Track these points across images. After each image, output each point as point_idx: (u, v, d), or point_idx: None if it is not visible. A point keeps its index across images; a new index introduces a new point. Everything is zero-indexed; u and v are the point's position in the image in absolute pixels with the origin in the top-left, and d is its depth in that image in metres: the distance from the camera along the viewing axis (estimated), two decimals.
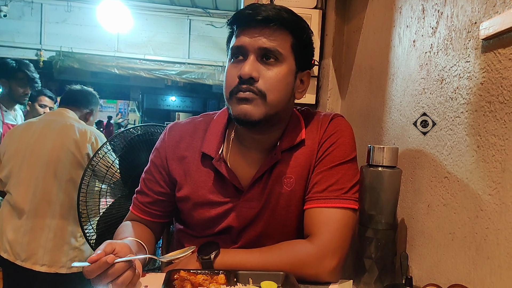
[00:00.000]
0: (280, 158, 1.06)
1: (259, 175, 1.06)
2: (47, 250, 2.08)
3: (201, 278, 0.88)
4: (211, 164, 1.07)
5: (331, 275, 1.00)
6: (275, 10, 0.97)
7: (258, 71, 0.97)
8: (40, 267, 2.06)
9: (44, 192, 2.10)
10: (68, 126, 2.20)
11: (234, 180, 1.06)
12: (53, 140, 2.14)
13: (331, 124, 1.09)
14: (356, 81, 1.51)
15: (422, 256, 0.93)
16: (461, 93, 0.82)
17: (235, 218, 1.07)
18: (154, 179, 1.13)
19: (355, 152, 1.09)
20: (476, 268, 0.73)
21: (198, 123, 1.15)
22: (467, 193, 0.77)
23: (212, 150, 1.08)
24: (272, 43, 0.97)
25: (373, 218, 0.93)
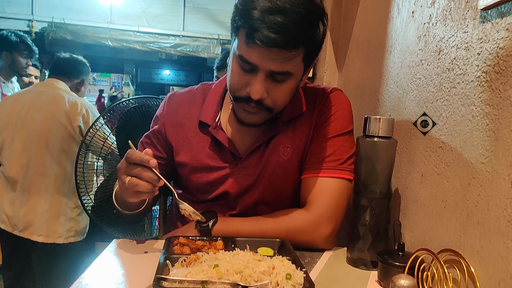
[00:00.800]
0: (279, 130, 1.08)
1: (257, 145, 1.08)
2: (43, 221, 2.11)
3: (200, 244, 0.91)
4: (208, 132, 1.10)
5: (326, 242, 1.04)
6: (295, 32, 0.85)
7: (267, 90, 0.94)
8: (38, 237, 2.10)
9: (37, 165, 2.11)
10: (59, 97, 2.17)
11: (231, 148, 1.09)
12: (43, 112, 2.12)
13: (329, 97, 1.11)
14: (353, 54, 1.51)
15: (414, 224, 0.96)
16: (458, 63, 0.83)
17: (232, 184, 1.10)
18: (152, 143, 1.16)
19: (352, 125, 1.11)
20: (466, 233, 0.75)
21: (196, 92, 1.17)
22: (460, 162, 0.79)
23: (209, 118, 1.10)
24: (285, 67, 0.91)
25: (368, 187, 0.96)
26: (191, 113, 1.13)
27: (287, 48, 0.87)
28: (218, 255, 0.82)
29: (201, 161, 1.10)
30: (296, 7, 0.86)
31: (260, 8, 0.86)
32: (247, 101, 0.96)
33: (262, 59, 0.89)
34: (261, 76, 0.92)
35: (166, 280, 0.73)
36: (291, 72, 0.93)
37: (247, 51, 0.90)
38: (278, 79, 0.94)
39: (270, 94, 0.95)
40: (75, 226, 2.21)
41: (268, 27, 0.84)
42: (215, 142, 1.10)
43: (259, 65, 0.91)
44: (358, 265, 0.97)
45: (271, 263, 0.79)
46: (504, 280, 0.65)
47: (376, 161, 0.95)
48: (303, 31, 0.87)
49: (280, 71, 0.92)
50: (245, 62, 0.92)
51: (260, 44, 0.86)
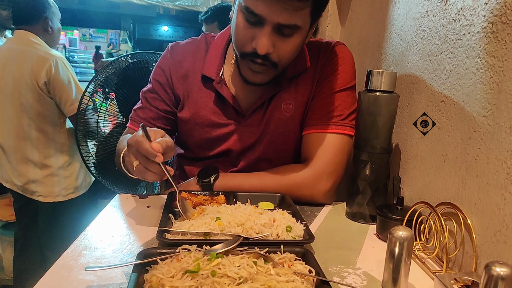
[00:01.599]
0: (283, 87, 1.07)
1: (260, 103, 1.07)
2: (38, 183, 2.12)
3: (202, 198, 0.92)
4: (212, 86, 1.08)
5: (326, 197, 1.05)
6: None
7: (273, 44, 0.91)
8: (37, 197, 2.13)
9: (16, 130, 2.06)
10: (26, 53, 2.03)
11: (235, 104, 1.08)
12: (12, 71, 2.02)
13: (332, 51, 1.09)
14: (356, 7, 1.46)
15: (414, 178, 0.97)
16: (465, 14, 0.80)
17: (235, 141, 1.10)
18: (160, 97, 1.12)
19: (354, 81, 1.10)
20: (465, 186, 0.76)
21: (199, 43, 1.14)
22: (462, 116, 0.79)
23: (213, 73, 1.08)
24: (293, 19, 0.87)
25: (369, 142, 0.96)
26: (194, 66, 1.10)
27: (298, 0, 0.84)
28: (220, 209, 0.84)
29: (204, 117, 1.09)
30: None
31: None
32: (253, 56, 0.93)
33: (270, 10, 0.85)
34: (268, 29, 0.88)
35: (169, 233, 0.75)
36: (298, 25, 0.89)
37: (254, 2, 0.87)
38: (286, 32, 0.90)
39: (276, 49, 0.92)
40: (73, 183, 2.20)
41: None
42: (218, 97, 1.09)
43: (266, 16, 0.87)
44: (357, 219, 0.99)
45: (271, 216, 0.81)
46: (500, 231, 0.66)
47: (378, 116, 0.94)
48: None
49: (288, 24, 0.88)
50: (251, 14, 0.88)
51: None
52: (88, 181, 2.30)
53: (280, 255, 0.66)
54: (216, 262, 0.60)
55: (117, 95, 1.97)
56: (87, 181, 2.29)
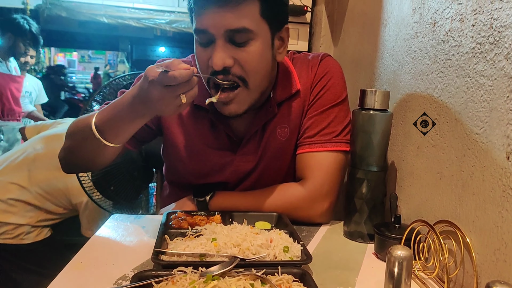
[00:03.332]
0: (276, 112, 1.04)
1: (254, 130, 1.05)
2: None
3: (197, 219, 0.92)
4: (205, 115, 1.05)
5: (323, 217, 1.05)
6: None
7: (230, 56, 0.88)
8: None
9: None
10: None
11: (229, 132, 1.05)
12: None
13: (320, 66, 1.07)
14: (348, 28, 1.49)
15: (410, 196, 0.97)
16: (453, 35, 0.82)
17: (231, 173, 1.07)
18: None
19: (345, 92, 1.08)
20: (462, 204, 0.76)
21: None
22: (455, 133, 0.80)
23: (203, 99, 1.01)
24: (239, 22, 0.85)
25: (364, 160, 0.96)
26: None
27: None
28: (216, 229, 0.83)
29: (197, 145, 1.06)
30: None
31: None
32: (214, 75, 0.89)
33: (213, 20, 0.85)
34: (219, 42, 0.86)
35: (165, 254, 0.75)
36: (249, 28, 0.86)
37: (198, 21, 0.88)
38: (238, 40, 0.87)
39: (236, 62, 0.88)
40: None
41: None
42: (212, 125, 1.06)
43: (212, 27, 0.86)
44: (355, 238, 0.98)
45: (268, 236, 0.80)
46: (499, 249, 0.66)
47: (372, 134, 0.95)
48: None
49: (236, 28, 0.85)
50: (200, 33, 0.89)
51: (202, 3, 0.85)
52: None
53: (277, 277, 0.66)
54: (212, 285, 0.60)
55: None
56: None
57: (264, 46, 0.91)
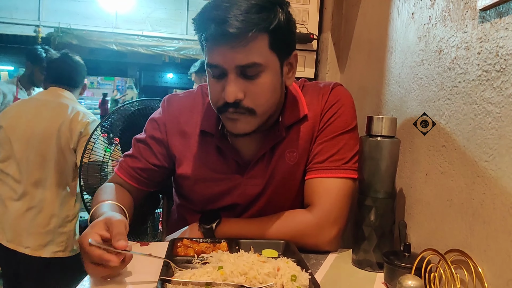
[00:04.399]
0: (283, 136, 1.05)
1: (262, 153, 1.05)
2: (30, 233, 2.06)
3: (203, 246, 0.91)
4: (211, 141, 1.06)
5: (331, 245, 1.03)
6: (244, 17, 0.84)
7: (242, 89, 0.91)
8: (24, 249, 2.05)
9: (33, 174, 2.07)
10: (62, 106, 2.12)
11: (236, 156, 1.06)
12: (47, 121, 2.08)
13: (331, 94, 1.08)
14: (355, 55, 1.51)
15: (420, 224, 0.96)
16: (459, 63, 0.82)
17: (239, 196, 1.07)
18: (151, 151, 1.11)
19: (355, 121, 1.08)
20: (473, 233, 0.75)
21: (195, 96, 1.13)
22: (464, 161, 0.79)
23: (212, 127, 1.06)
24: (250, 57, 0.88)
25: (372, 187, 0.95)
26: (192, 121, 1.09)
27: (242, 32, 0.84)
28: (223, 257, 0.82)
29: (206, 173, 1.07)
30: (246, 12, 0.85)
31: (206, 9, 0.89)
32: (226, 107, 0.93)
33: (224, 56, 0.88)
34: (231, 76, 0.90)
35: (170, 282, 0.73)
36: (259, 63, 0.89)
37: (210, 56, 0.90)
38: (249, 74, 0.90)
39: (248, 94, 0.91)
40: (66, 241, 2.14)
41: (215, 21, 0.85)
42: (219, 151, 1.06)
43: (223, 63, 0.89)
44: (364, 267, 0.96)
45: (276, 265, 0.79)
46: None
47: (380, 161, 0.94)
48: (252, 15, 0.85)
49: (247, 64, 0.88)
50: (213, 68, 0.91)
51: (214, 42, 0.87)
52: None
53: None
54: None
55: (121, 140, 1.99)
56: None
57: (274, 75, 0.94)
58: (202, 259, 0.84)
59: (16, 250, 2.04)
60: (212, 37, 0.87)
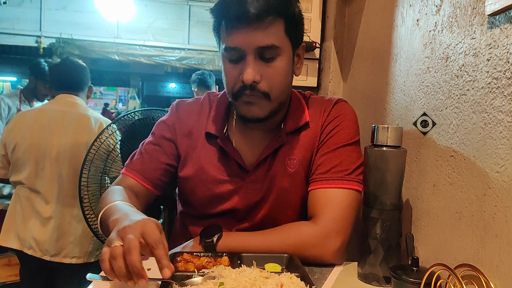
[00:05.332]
0: (284, 141, 1.06)
1: (263, 157, 1.06)
2: (76, 244, 2.09)
3: (204, 261, 0.88)
4: (216, 143, 1.08)
5: (335, 256, 1.00)
6: (264, 0, 0.91)
7: (259, 72, 0.95)
8: (71, 260, 2.08)
9: (69, 188, 2.07)
10: (85, 118, 2.13)
11: (238, 159, 1.07)
12: (71, 134, 2.08)
13: (334, 108, 1.10)
14: (358, 63, 1.49)
15: (428, 237, 0.93)
16: (467, 70, 0.80)
17: (240, 200, 1.07)
18: (162, 150, 1.12)
19: (358, 136, 1.09)
20: (484, 247, 0.72)
21: (203, 102, 1.16)
22: (474, 171, 0.76)
23: (217, 130, 1.08)
24: (269, 39, 0.93)
25: (378, 198, 0.93)
26: (199, 123, 1.12)
27: (263, 14, 0.90)
28: (224, 272, 0.79)
29: (208, 173, 1.08)
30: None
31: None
32: (243, 90, 0.96)
33: (244, 38, 0.92)
34: (250, 58, 0.94)
35: None
36: (276, 45, 0.94)
37: (229, 39, 0.94)
38: (267, 56, 0.94)
39: (264, 77, 0.95)
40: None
41: (240, 3, 0.90)
42: (222, 153, 1.08)
43: (243, 45, 0.93)
44: (370, 281, 0.93)
45: (279, 280, 0.76)
46: None
47: (386, 171, 0.92)
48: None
49: (266, 45, 0.93)
50: (231, 51, 0.95)
51: (237, 22, 0.91)
52: None
53: None
54: None
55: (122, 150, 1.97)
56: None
57: (287, 61, 0.99)
58: (203, 274, 0.82)
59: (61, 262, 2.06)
60: (234, 19, 0.92)
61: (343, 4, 1.62)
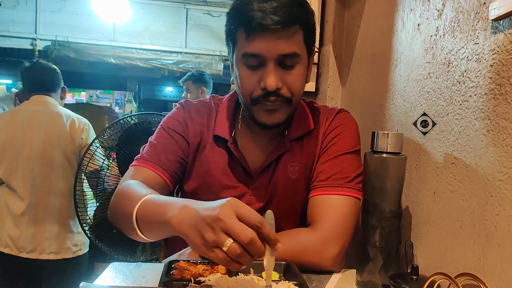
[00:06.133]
0: (288, 147, 1.07)
1: (268, 163, 1.07)
2: (52, 239, 2.11)
3: (201, 268, 0.86)
4: (224, 146, 1.08)
5: (334, 263, 0.99)
6: (289, 10, 0.90)
7: (280, 78, 0.95)
8: (48, 255, 2.09)
9: (42, 184, 2.10)
10: (56, 115, 2.16)
11: (244, 164, 1.07)
12: (43, 131, 2.11)
13: (337, 117, 1.11)
14: (357, 68, 1.48)
15: (428, 245, 0.91)
16: (469, 76, 0.79)
17: None
18: (177, 143, 1.08)
19: (359, 146, 1.10)
20: (486, 256, 0.71)
21: (209, 104, 1.15)
22: (476, 179, 0.75)
23: (226, 133, 1.08)
24: (292, 47, 0.93)
25: (378, 205, 0.91)
26: (207, 124, 1.11)
27: (288, 24, 0.90)
28: (221, 281, 0.78)
29: (214, 177, 1.08)
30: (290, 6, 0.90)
31: (249, 1, 0.91)
32: (265, 97, 0.95)
33: (268, 45, 0.91)
34: (271, 65, 0.93)
35: None
36: (298, 53, 0.94)
37: (250, 45, 0.92)
38: (288, 63, 0.94)
39: (285, 83, 0.95)
40: (83, 239, 2.21)
41: (264, 11, 0.89)
42: (229, 157, 1.08)
43: (266, 53, 0.92)
44: None
45: None
46: None
47: (385, 178, 0.90)
48: (296, 9, 0.91)
49: (288, 53, 0.92)
50: (251, 57, 0.94)
51: (261, 30, 0.89)
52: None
53: None
54: None
55: (118, 155, 1.96)
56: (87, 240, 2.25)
57: (304, 68, 1.00)
58: (199, 282, 0.80)
59: (38, 258, 2.07)
60: (258, 26, 0.89)
61: (342, 8, 1.61)
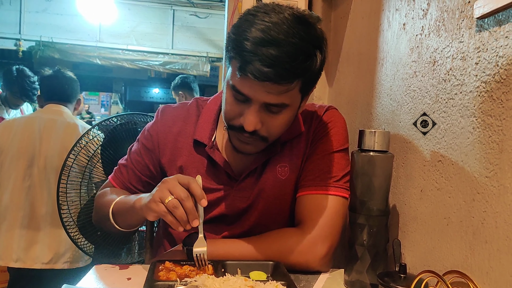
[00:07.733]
0: (278, 151, 1.04)
1: (254, 167, 1.04)
2: (67, 249, 2.10)
3: (187, 269, 0.85)
4: (203, 151, 1.05)
5: (322, 263, 0.99)
6: (290, 66, 0.81)
7: (261, 120, 0.90)
8: (62, 265, 2.09)
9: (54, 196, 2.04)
10: (73, 125, 2.14)
11: (227, 168, 1.04)
12: (60, 141, 2.09)
13: (325, 115, 1.09)
14: (344, 68, 1.48)
15: (415, 243, 0.91)
16: (455, 74, 0.79)
17: (227, 207, 1.05)
18: (144, 162, 1.10)
19: (347, 144, 1.09)
20: (474, 253, 0.71)
21: (190, 108, 1.12)
22: (462, 176, 0.75)
23: (205, 137, 1.05)
24: (280, 99, 0.87)
25: (365, 204, 0.91)
26: (185, 131, 1.08)
27: (281, 82, 0.83)
28: (207, 282, 0.77)
29: None
30: (291, 37, 0.81)
31: (253, 39, 0.81)
32: (240, 130, 0.91)
33: (255, 92, 0.85)
34: (255, 107, 0.88)
35: None
36: (286, 103, 0.89)
37: (240, 83, 0.86)
38: (274, 110, 0.89)
39: (265, 125, 0.91)
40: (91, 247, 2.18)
41: (261, 60, 0.80)
42: (210, 162, 1.05)
43: (252, 97, 0.87)
44: None
45: None
46: None
47: (373, 177, 0.90)
48: (298, 64, 0.82)
49: (275, 103, 0.88)
50: (238, 93, 0.88)
51: (252, 78, 0.81)
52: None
53: None
54: None
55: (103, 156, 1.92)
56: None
57: (293, 111, 0.94)
58: (186, 283, 0.78)
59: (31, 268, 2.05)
60: (251, 73, 0.81)
61: (329, 8, 1.61)
